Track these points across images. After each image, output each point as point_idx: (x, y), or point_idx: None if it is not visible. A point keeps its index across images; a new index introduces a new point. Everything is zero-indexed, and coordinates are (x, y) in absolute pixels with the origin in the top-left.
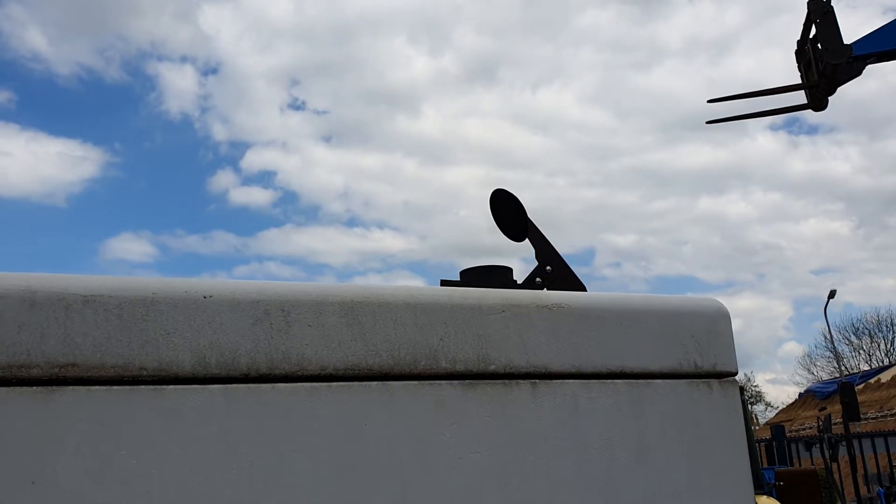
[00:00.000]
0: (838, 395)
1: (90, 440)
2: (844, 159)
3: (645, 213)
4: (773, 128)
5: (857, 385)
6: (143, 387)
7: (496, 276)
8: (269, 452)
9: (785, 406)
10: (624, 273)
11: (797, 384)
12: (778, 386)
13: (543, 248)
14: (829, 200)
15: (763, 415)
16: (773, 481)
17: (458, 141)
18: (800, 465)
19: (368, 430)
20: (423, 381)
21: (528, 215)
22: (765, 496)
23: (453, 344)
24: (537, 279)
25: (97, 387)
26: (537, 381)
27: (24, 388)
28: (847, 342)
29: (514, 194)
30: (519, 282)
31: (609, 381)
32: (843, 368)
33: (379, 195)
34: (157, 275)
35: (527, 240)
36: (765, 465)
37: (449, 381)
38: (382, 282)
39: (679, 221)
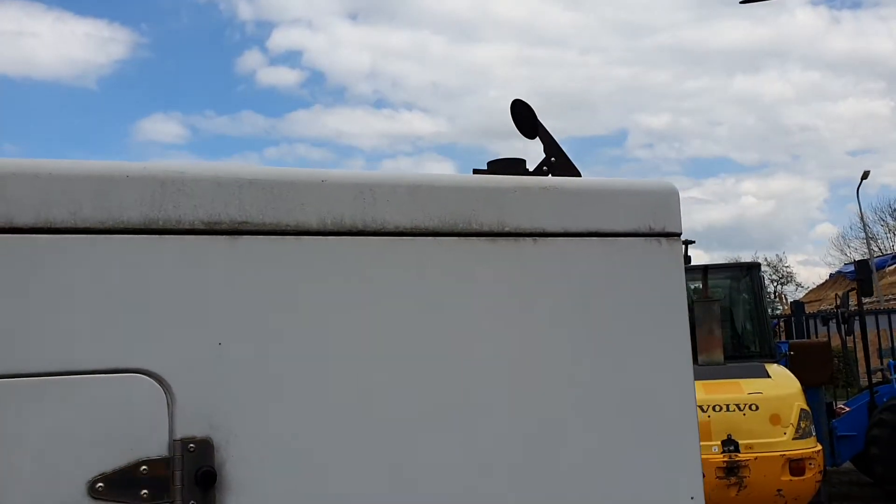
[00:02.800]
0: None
1: (258, 270)
2: (888, 35)
3: (678, 93)
4: (814, 1)
5: (890, 266)
6: (288, 237)
7: (514, 166)
8: (366, 279)
9: (815, 286)
10: (657, 154)
11: (829, 265)
12: (809, 267)
13: (550, 144)
14: (871, 79)
15: (793, 295)
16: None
17: (488, 17)
18: (817, 339)
19: (427, 269)
20: (461, 237)
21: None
22: (775, 364)
23: (481, 213)
24: (544, 167)
25: (261, 236)
26: (538, 238)
27: (219, 237)
28: (882, 223)
29: (527, 102)
30: (531, 170)
31: (587, 238)
32: (876, 249)
33: (407, 75)
34: (188, 156)
35: (538, 137)
36: (783, 339)
37: (479, 237)
38: (412, 166)
39: (713, 101)
